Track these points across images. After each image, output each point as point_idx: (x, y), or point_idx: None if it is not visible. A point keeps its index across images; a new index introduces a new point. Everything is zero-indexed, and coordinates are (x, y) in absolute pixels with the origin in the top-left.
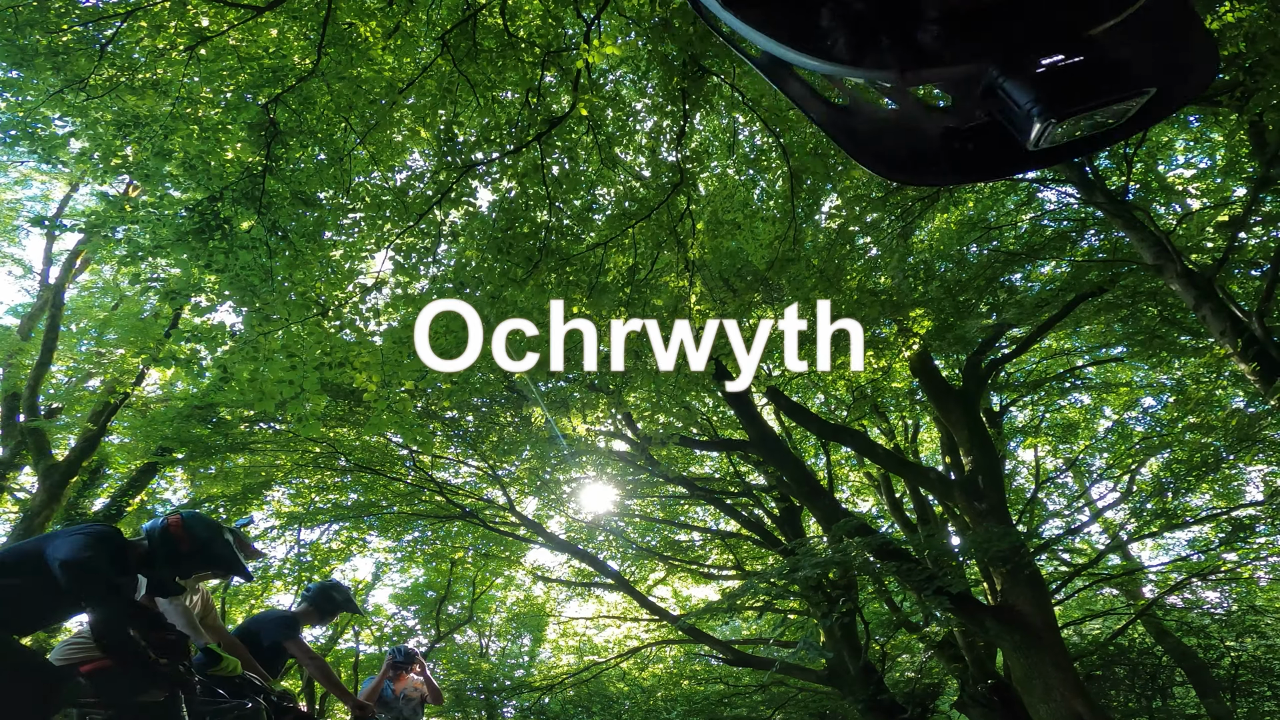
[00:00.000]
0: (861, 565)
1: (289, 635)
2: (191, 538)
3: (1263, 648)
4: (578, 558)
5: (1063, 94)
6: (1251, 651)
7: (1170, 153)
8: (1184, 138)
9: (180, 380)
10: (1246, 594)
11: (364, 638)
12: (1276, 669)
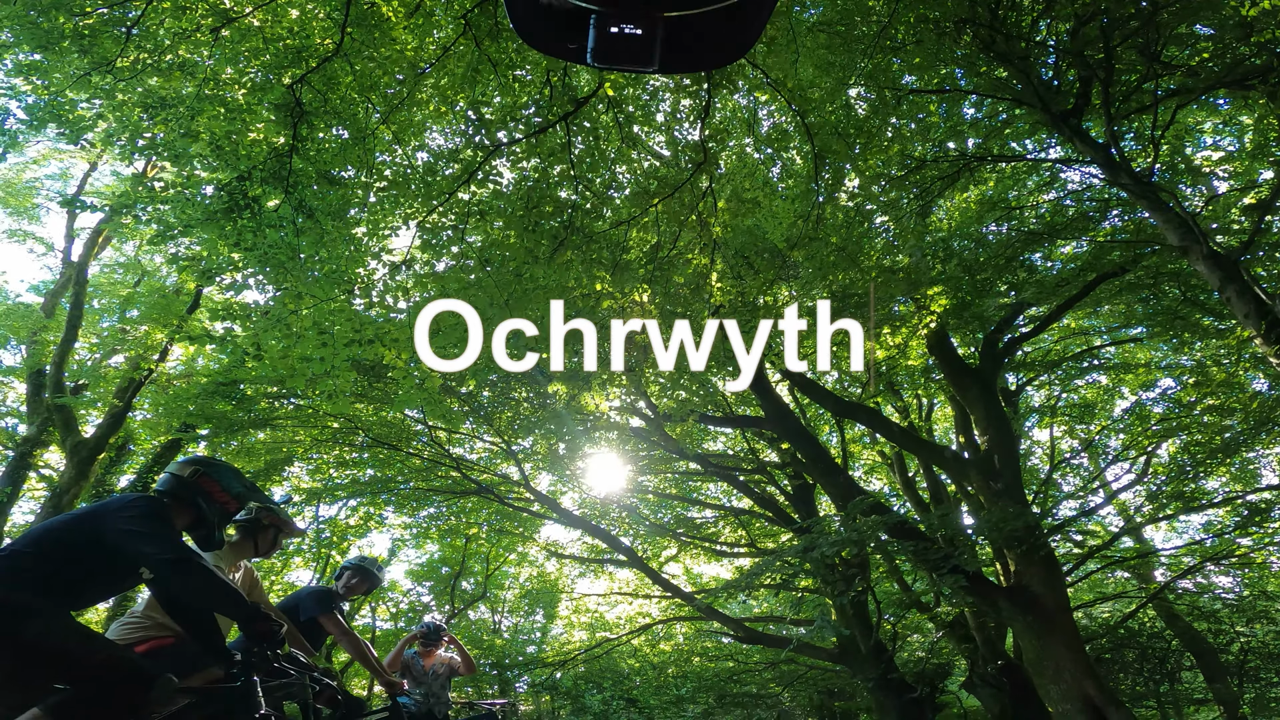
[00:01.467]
0: (876, 545)
1: (325, 610)
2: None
3: (1272, 634)
4: (591, 534)
5: None
6: (1260, 638)
7: (1198, 135)
8: (1213, 120)
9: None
10: (1259, 579)
11: (380, 613)
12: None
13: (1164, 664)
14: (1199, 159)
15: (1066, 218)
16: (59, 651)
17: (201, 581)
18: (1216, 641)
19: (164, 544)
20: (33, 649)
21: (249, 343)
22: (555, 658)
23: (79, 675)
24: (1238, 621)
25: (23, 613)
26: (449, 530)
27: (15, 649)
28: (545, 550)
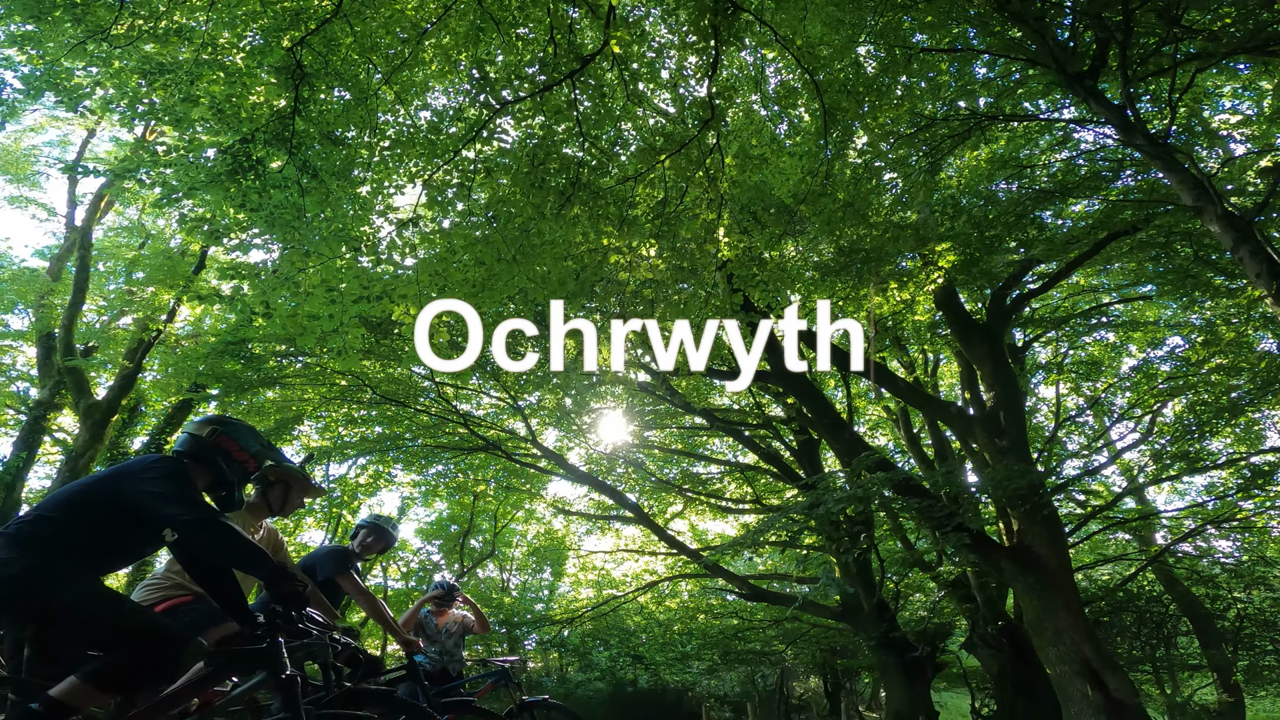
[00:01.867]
0: (881, 502)
1: (342, 570)
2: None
3: (1269, 600)
4: (597, 489)
5: None
6: (1257, 604)
7: (1217, 99)
8: (1232, 84)
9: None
10: (1258, 544)
11: (392, 573)
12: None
13: (1161, 628)
14: (1216, 122)
15: (1079, 177)
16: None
17: (226, 541)
18: (1213, 607)
19: (187, 504)
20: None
21: (257, 302)
22: (563, 615)
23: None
24: (1235, 587)
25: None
26: (457, 487)
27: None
28: (552, 507)
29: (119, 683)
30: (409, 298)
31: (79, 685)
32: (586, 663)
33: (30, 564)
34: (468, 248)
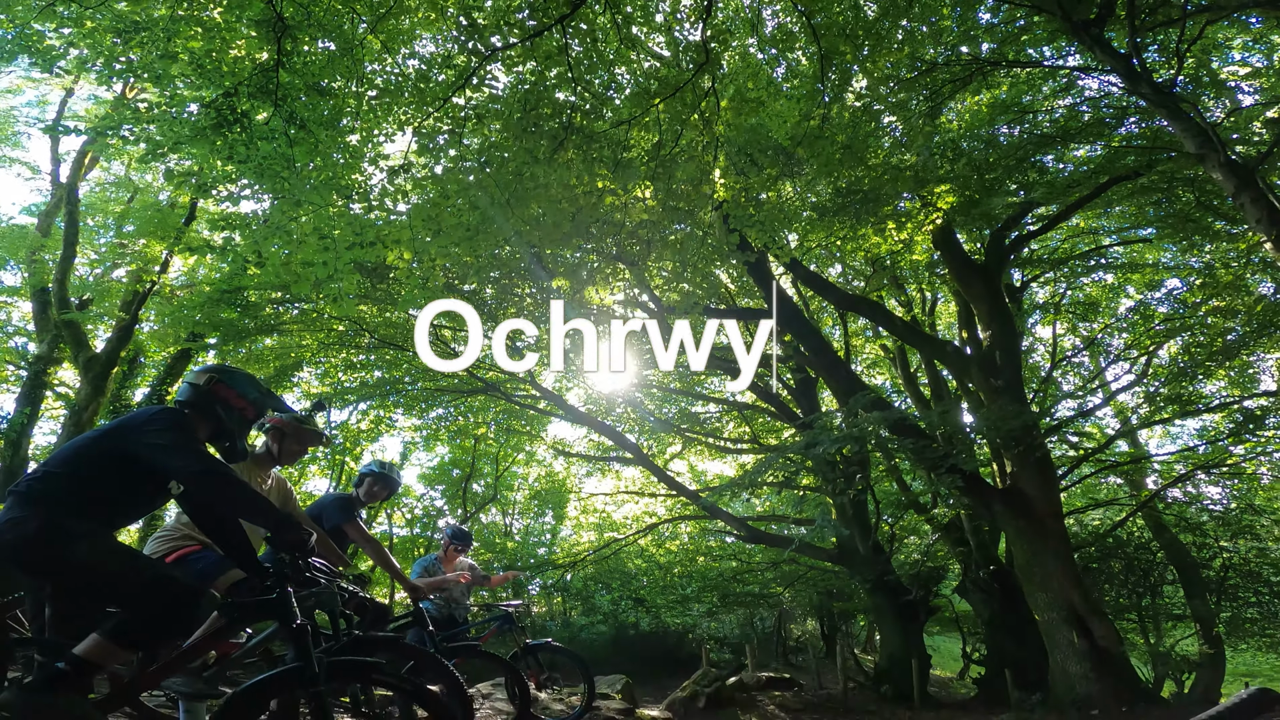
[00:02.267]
0: (878, 443)
1: (348, 518)
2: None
3: (1254, 550)
4: (597, 430)
5: None
6: (1242, 554)
7: (1227, 50)
8: (1243, 37)
9: (203, 267)
10: (1247, 491)
11: (396, 520)
12: (1265, 574)
13: (1148, 577)
14: (1225, 73)
15: (1081, 123)
16: (108, 574)
17: (232, 492)
18: (1200, 556)
19: (191, 456)
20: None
21: (249, 251)
22: (565, 559)
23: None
24: (1222, 536)
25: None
26: (458, 431)
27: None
28: (553, 449)
29: (139, 638)
30: (403, 242)
31: (101, 642)
32: (589, 606)
33: (45, 521)
34: (461, 192)
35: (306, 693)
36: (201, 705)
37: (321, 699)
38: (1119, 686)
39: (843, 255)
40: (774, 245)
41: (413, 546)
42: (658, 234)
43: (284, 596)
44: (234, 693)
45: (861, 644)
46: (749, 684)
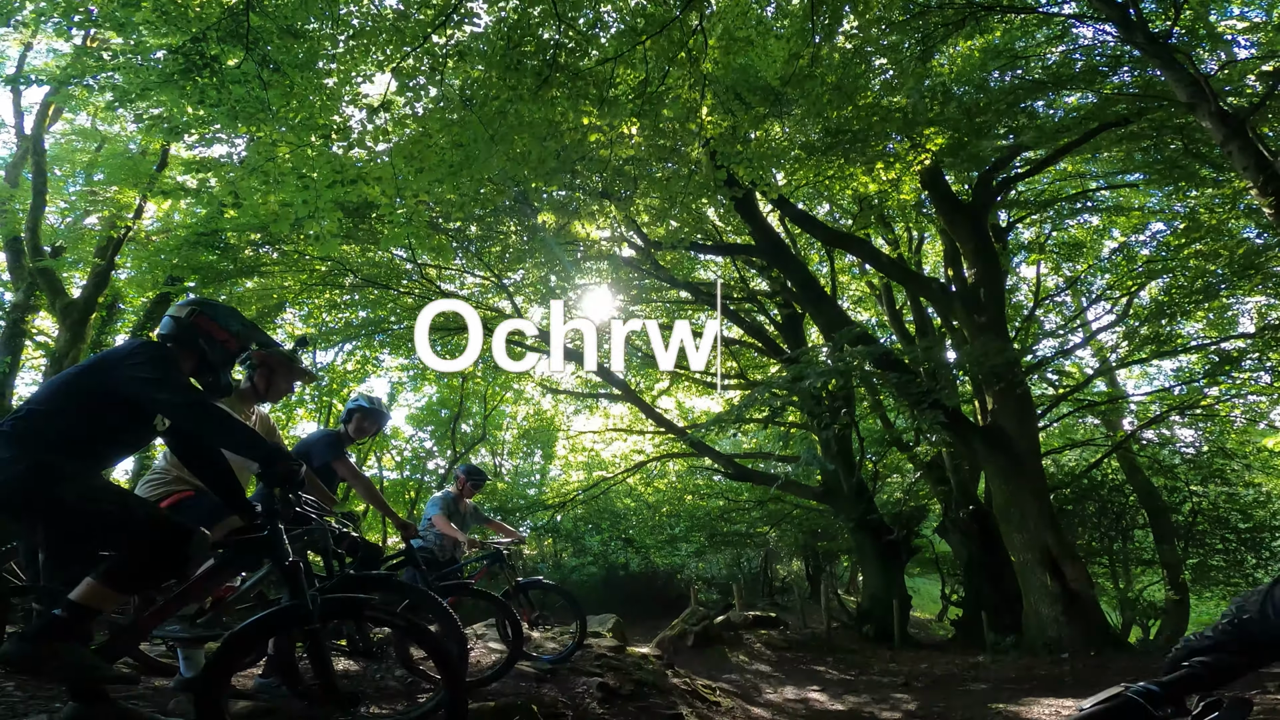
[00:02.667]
0: (863, 376)
1: (337, 455)
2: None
3: (1223, 495)
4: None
5: None
6: (1211, 499)
7: (1225, 4)
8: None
9: (178, 212)
10: (1220, 434)
11: (385, 462)
12: (1233, 520)
13: (1120, 520)
14: (1222, 26)
15: (1074, 71)
16: (99, 514)
17: (218, 424)
18: (1170, 500)
19: (175, 388)
20: (73, 514)
21: (225, 193)
22: (555, 499)
23: (121, 538)
24: (1193, 480)
25: (56, 475)
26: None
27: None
28: (541, 386)
29: (133, 580)
30: (384, 180)
31: (96, 586)
32: (579, 548)
33: (32, 461)
34: (443, 130)
35: (302, 631)
36: (200, 651)
37: (317, 637)
38: (1088, 631)
39: (830, 194)
40: (761, 183)
41: (403, 490)
42: (644, 171)
43: (275, 534)
44: (229, 633)
45: (845, 585)
46: (736, 623)
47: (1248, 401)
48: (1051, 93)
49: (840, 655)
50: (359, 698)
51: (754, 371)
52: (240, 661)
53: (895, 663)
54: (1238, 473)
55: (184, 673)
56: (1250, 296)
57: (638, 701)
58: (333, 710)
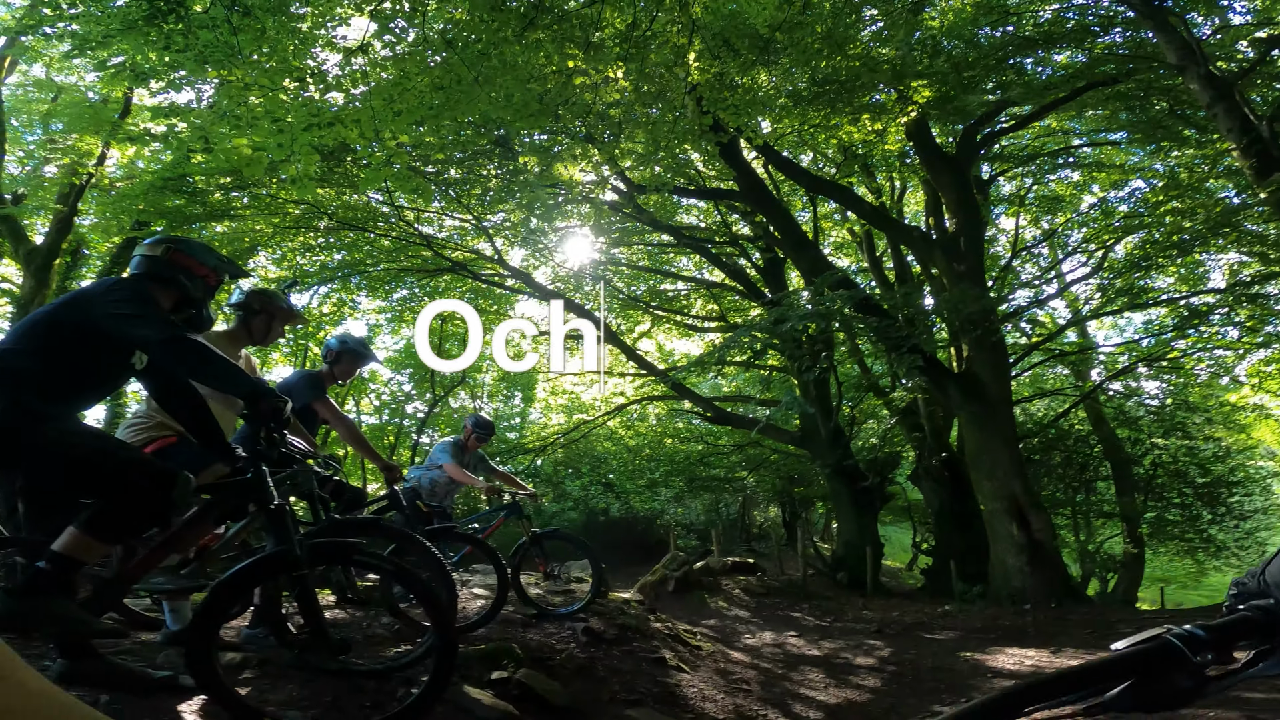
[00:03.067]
0: (842, 320)
1: (318, 395)
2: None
3: (1183, 449)
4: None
5: None
6: (1171, 452)
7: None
8: None
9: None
10: (1184, 387)
11: (364, 407)
12: (1191, 474)
13: (1084, 471)
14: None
15: (1066, 29)
16: (78, 459)
17: (199, 360)
18: (1133, 451)
19: (155, 324)
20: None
21: (195, 137)
22: (535, 443)
23: (102, 484)
24: (1155, 432)
25: (33, 417)
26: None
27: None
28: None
29: (117, 528)
30: (363, 123)
31: (78, 535)
32: (560, 493)
33: (6, 402)
34: (424, 73)
35: (290, 578)
36: (185, 603)
37: (305, 584)
38: (1051, 582)
39: (815, 142)
40: (747, 129)
41: (382, 433)
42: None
43: (260, 477)
44: (216, 583)
45: (820, 532)
46: (714, 569)
47: (1214, 356)
48: (1041, 50)
49: (815, 602)
50: (349, 645)
51: (735, 315)
52: (228, 612)
53: (868, 610)
54: (1199, 426)
55: (170, 626)
56: (1223, 253)
57: (622, 645)
58: (324, 658)
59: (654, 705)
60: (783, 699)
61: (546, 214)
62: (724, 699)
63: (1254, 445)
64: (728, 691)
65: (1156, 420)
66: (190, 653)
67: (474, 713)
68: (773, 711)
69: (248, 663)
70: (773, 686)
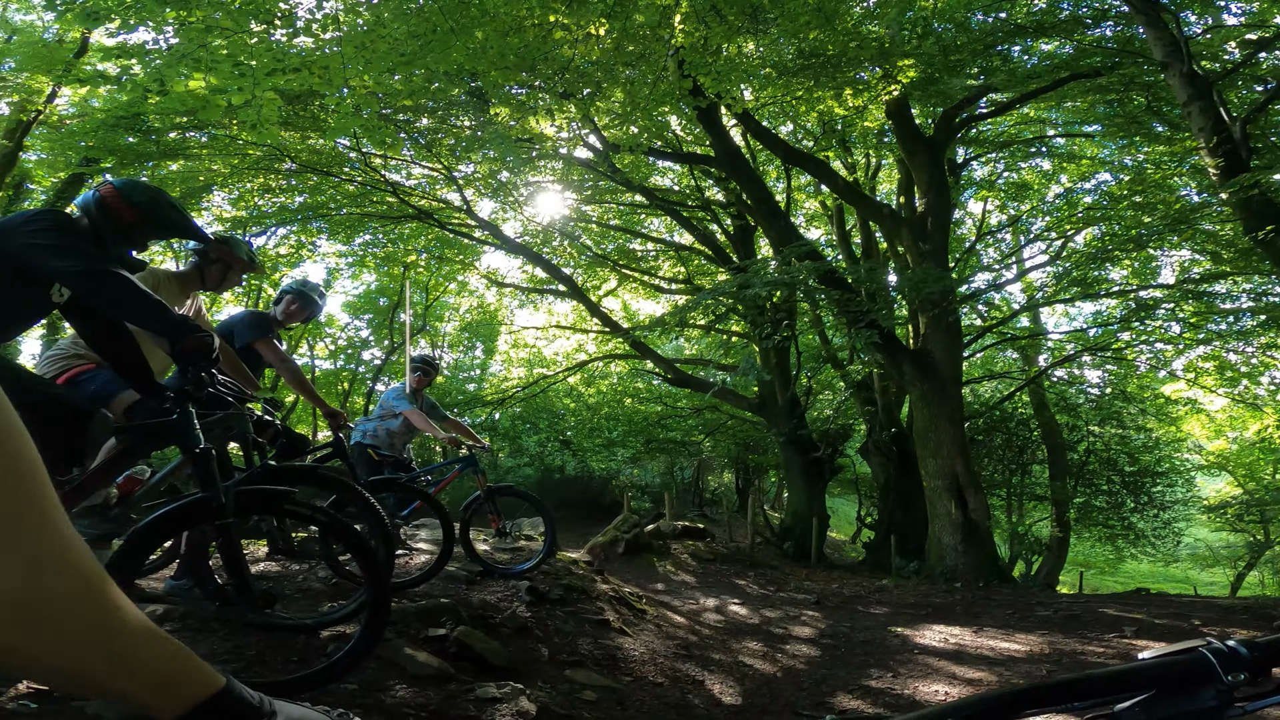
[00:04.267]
0: (806, 291)
1: (261, 335)
2: (131, 206)
3: (1116, 437)
4: (532, 261)
5: None
6: (1106, 440)
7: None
8: None
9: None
10: (1124, 377)
11: (319, 351)
12: (1120, 463)
13: (1022, 454)
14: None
15: (1058, 19)
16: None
17: (120, 292)
18: (1069, 437)
19: (75, 255)
20: None
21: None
22: (494, 396)
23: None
24: (1092, 420)
25: None
26: (386, 258)
27: None
28: (486, 279)
29: None
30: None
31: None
32: (516, 448)
33: None
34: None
35: (214, 527)
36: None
37: (230, 533)
38: (981, 561)
39: (796, 114)
40: (727, 96)
41: (335, 380)
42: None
43: (185, 417)
44: (134, 529)
45: (771, 501)
46: (665, 532)
47: (1155, 349)
48: (1030, 39)
49: (761, 570)
50: (274, 598)
51: (701, 279)
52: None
53: (810, 580)
54: (1133, 416)
55: None
56: (1176, 250)
57: (565, 606)
58: (247, 611)
59: (593, 667)
60: (721, 665)
61: (518, 167)
62: (664, 663)
63: (1183, 438)
64: (667, 656)
65: (1095, 408)
66: None
67: (407, 669)
68: (710, 677)
69: (170, 615)
70: (712, 652)
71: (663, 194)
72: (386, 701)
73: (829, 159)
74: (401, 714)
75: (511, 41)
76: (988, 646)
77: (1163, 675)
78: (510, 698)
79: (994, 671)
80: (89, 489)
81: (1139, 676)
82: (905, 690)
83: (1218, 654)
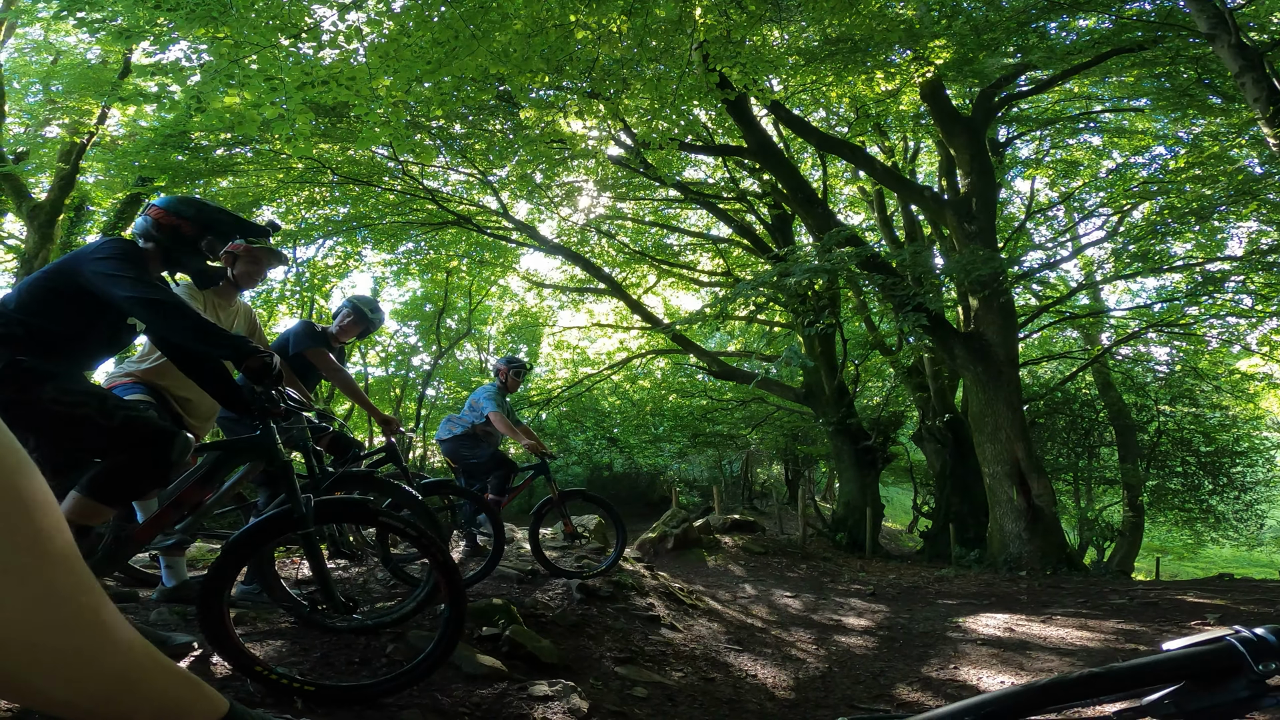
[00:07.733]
0: (849, 277)
1: (313, 345)
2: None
3: (1189, 416)
4: (571, 260)
5: None
6: (1177, 420)
7: None
8: None
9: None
10: (1194, 353)
11: (370, 359)
12: (1195, 443)
13: (1088, 436)
14: None
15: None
16: (79, 419)
17: (179, 321)
18: (1138, 418)
19: (133, 283)
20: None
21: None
22: (540, 396)
23: (103, 443)
24: (1162, 399)
25: (33, 376)
26: (429, 265)
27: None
28: (526, 280)
29: (117, 491)
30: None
31: (80, 499)
32: (564, 447)
33: (7, 362)
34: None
35: (296, 536)
36: (181, 558)
37: (312, 541)
38: (1048, 549)
39: (827, 101)
40: (755, 87)
41: (388, 386)
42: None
43: (269, 433)
44: (227, 543)
45: (822, 491)
46: (714, 527)
47: (1226, 324)
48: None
49: (814, 562)
50: (357, 603)
51: (740, 270)
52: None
53: (865, 571)
54: (1206, 394)
55: (166, 582)
56: (1243, 221)
57: (616, 603)
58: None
59: (644, 663)
60: (773, 659)
61: (550, 169)
62: (715, 658)
63: (1261, 415)
64: (719, 651)
65: (1164, 386)
66: (203, 612)
67: (462, 669)
68: (762, 671)
69: (241, 619)
70: (763, 646)
71: (697, 187)
72: (442, 701)
73: (864, 144)
74: (456, 713)
75: (535, 43)
76: (1058, 637)
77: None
78: (562, 695)
79: (1066, 662)
80: (182, 509)
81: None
82: (970, 681)
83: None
